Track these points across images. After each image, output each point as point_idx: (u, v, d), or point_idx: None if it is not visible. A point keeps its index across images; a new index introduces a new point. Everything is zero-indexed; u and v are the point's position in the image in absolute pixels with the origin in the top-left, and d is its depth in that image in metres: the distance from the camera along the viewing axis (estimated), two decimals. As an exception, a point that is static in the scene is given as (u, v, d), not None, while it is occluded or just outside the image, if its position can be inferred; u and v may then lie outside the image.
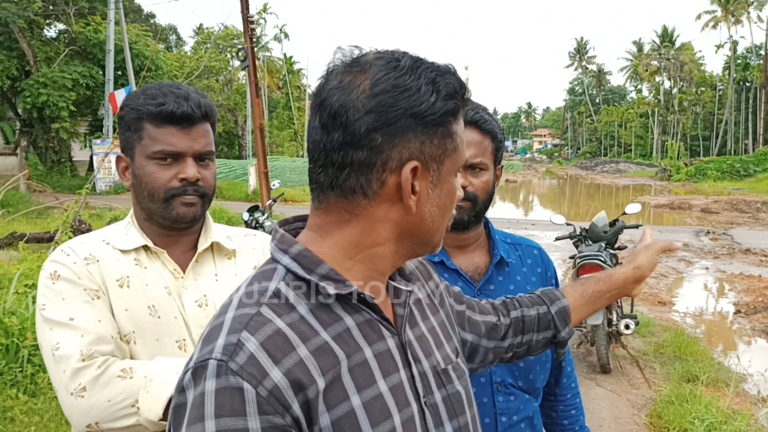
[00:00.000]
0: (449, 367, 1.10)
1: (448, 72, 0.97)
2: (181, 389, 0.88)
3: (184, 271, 1.63)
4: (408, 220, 0.98)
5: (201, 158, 1.59)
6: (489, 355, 1.36)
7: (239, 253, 1.76)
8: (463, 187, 1.67)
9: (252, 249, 1.78)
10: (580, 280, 1.49)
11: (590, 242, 6.66)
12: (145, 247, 1.62)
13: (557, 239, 7.29)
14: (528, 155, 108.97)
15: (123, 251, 1.59)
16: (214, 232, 1.73)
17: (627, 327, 6.10)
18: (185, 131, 1.55)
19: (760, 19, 60.85)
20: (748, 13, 61.00)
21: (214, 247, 1.72)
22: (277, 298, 0.95)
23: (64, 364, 1.42)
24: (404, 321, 1.05)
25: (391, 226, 0.99)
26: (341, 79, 0.95)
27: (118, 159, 1.64)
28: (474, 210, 1.72)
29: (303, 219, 1.08)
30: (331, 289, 0.95)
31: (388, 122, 0.92)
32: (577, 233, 6.89)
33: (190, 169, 1.56)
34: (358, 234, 0.99)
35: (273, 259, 1.01)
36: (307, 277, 0.96)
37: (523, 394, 1.76)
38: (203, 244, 1.67)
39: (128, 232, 1.63)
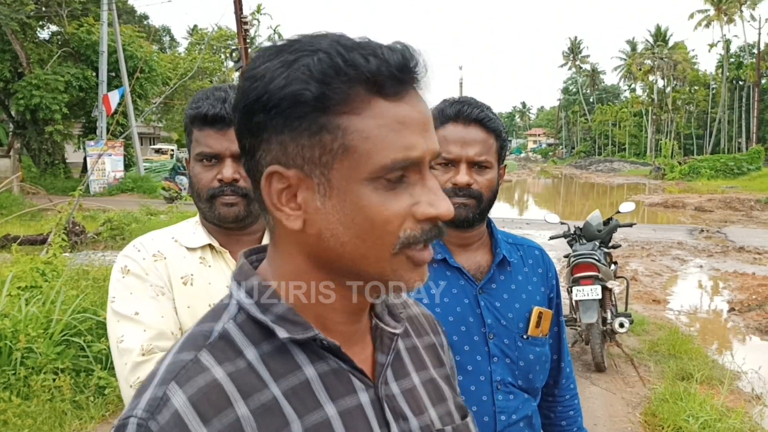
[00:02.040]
0: (448, 428, 0.94)
1: (319, 50, 0.76)
2: None
3: None
4: (308, 242, 0.80)
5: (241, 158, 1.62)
6: None
7: None
8: (468, 185, 1.69)
9: None
10: None
11: (584, 241, 6.68)
12: (210, 246, 1.67)
13: (551, 238, 7.30)
14: (523, 155, 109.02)
15: (189, 249, 1.65)
16: None
17: (621, 325, 6.11)
18: (222, 133, 1.59)
19: (753, 18, 60.96)
20: (741, 12, 61.16)
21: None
22: (223, 340, 0.80)
23: (126, 356, 1.48)
24: (384, 370, 0.88)
25: (300, 250, 0.82)
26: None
27: (186, 161, 1.73)
28: (479, 208, 1.72)
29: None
30: (283, 333, 0.79)
31: (245, 120, 0.79)
32: (572, 232, 6.91)
33: (227, 170, 1.59)
34: (282, 261, 0.84)
35: (229, 294, 0.87)
36: (260, 317, 0.81)
37: (522, 393, 1.76)
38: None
39: (196, 230, 1.70)
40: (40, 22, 27.51)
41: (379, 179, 0.77)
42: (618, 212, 7.15)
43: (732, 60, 63.79)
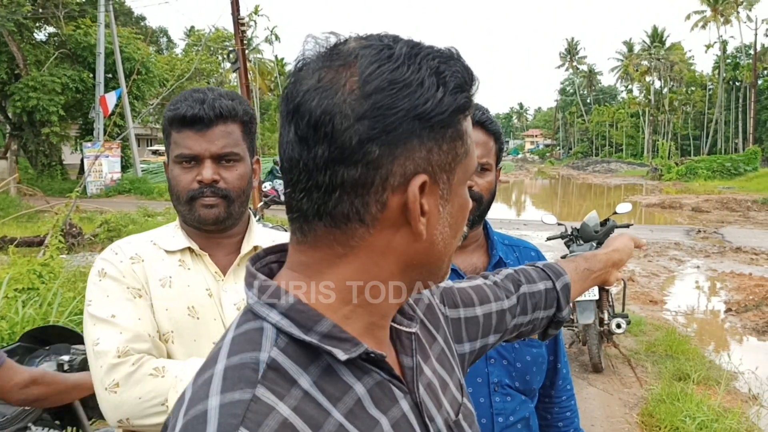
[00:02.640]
0: (460, 416, 0.93)
1: (452, 58, 0.77)
2: None
3: (225, 274, 1.66)
4: (417, 248, 0.78)
5: (222, 159, 1.60)
6: (493, 344, 1.19)
7: None
8: (470, 188, 1.66)
9: None
10: (568, 258, 1.43)
11: (581, 242, 6.68)
12: (190, 249, 1.65)
13: (549, 239, 7.30)
14: (520, 155, 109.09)
15: (168, 252, 1.64)
16: (258, 235, 1.75)
17: (618, 326, 6.12)
18: (201, 134, 1.58)
19: (749, 18, 61.38)
20: (737, 13, 61.31)
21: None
22: (273, 371, 0.72)
23: (101, 359, 1.47)
24: (415, 374, 0.86)
25: (396, 258, 0.78)
26: (320, 77, 0.74)
27: (165, 165, 1.71)
28: (478, 210, 1.74)
29: (276, 251, 0.88)
30: (341, 355, 0.74)
31: (386, 129, 0.72)
32: (569, 233, 6.91)
33: (207, 171, 1.58)
34: (356, 272, 0.78)
35: (254, 314, 0.79)
36: (306, 338, 0.75)
37: (519, 395, 1.77)
38: (246, 248, 1.70)
39: (175, 234, 1.68)
40: (37, 24, 27.48)
41: (469, 179, 0.82)
42: (615, 213, 7.15)
43: (728, 61, 63.95)
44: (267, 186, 22.16)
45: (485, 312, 1.13)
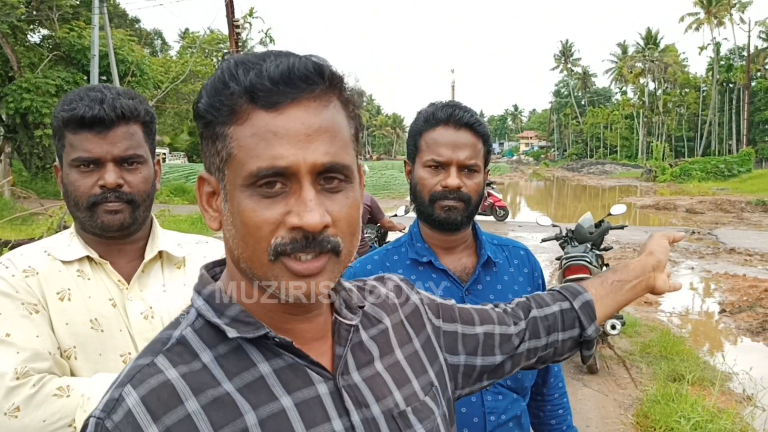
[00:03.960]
0: (409, 408, 0.96)
1: (221, 67, 0.84)
2: None
3: (130, 282, 1.57)
4: (226, 243, 0.88)
5: (125, 162, 1.52)
6: (505, 367, 1.20)
7: (189, 262, 1.69)
8: (458, 188, 1.71)
9: (203, 257, 1.70)
10: (595, 275, 1.41)
11: (576, 243, 6.70)
12: (89, 258, 1.56)
13: (543, 240, 7.32)
14: (515, 157, 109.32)
15: (65, 262, 1.54)
16: (162, 240, 1.67)
17: (613, 327, 6.13)
18: (101, 136, 1.48)
19: (742, 20, 61.35)
20: (731, 15, 61.58)
21: (163, 256, 1.66)
22: (180, 346, 0.85)
23: None
24: (341, 362, 0.92)
25: (227, 250, 0.89)
26: None
27: (55, 169, 1.60)
28: (467, 211, 1.75)
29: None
30: (233, 333, 0.84)
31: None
32: (563, 234, 6.93)
33: (110, 175, 1.49)
34: (228, 266, 0.92)
35: (191, 302, 0.91)
36: (215, 320, 0.86)
37: (511, 393, 1.78)
38: (150, 254, 1.62)
39: (71, 242, 1.58)
40: (31, 26, 27.39)
41: (253, 186, 0.80)
42: (610, 214, 7.18)
43: (722, 63, 64.21)
44: None
45: (486, 331, 1.16)
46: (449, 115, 1.73)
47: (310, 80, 0.81)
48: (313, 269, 0.82)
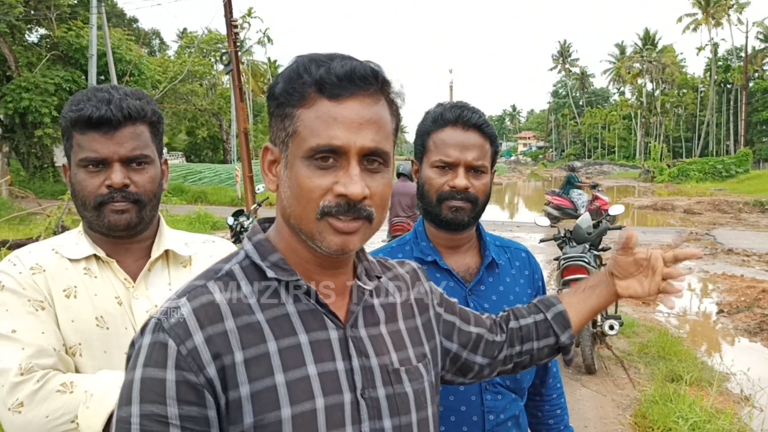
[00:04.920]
0: (403, 368, 1.14)
1: (298, 61, 1.03)
2: (133, 340, 1.01)
3: (136, 281, 1.58)
4: (280, 202, 1.07)
5: (132, 162, 1.53)
6: (485, 371, 1.38)
7: (195, 261, 1.71)
8: (465, 189, 1.71)
9: (209, 256, 1.71)
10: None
11: (574, 244, 6.70)
12: (96, 256, 1.57)
13: (542, 241, 7.33)
14: (513, 158, 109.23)
15: (72, 260, 1.56)
16: (169, 239, 1.68)
17: (611, 328, 6.13)
18: (108, 136, 1.50)
19: (740, 21, 61.72)
20: (728, 15, 61.65)
21: (169, 255, 1.67)
22: (228, 277, 1.05)
23: (2, 377, 1.38)
24: (353, 318, 1.11)
25: (281, 208, 1.07)
26: None
27: (63, 168, 1.61)
28: (474, 211, 1.76)
29: None
30: (271, 274, 1.05)
31: (270, 106, 1.07)
32: (562, 235, 6.93)
33: (116, 175, 1.51)
34: (278, 223, 1.11)
35: (243, 246, 1.12)
36: (258, 262, 1.06)
37: (509, 393, 1.79)
38: (156, 252, 1.63)
39: (79, 241, 1.60)
40: (29, 25, 27.35)
41: (311, 159, 0.99)
42: (608, 215, 7.18)
43: (720, 63, 64.28)
44: (550, 198, 18.34)
45: (479, 333, 1.35)
46: (458, 116, 1.74)
47: (367, 81, 1.01)
48: (350, 228, 1.01)
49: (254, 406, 0.97)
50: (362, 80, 1.00)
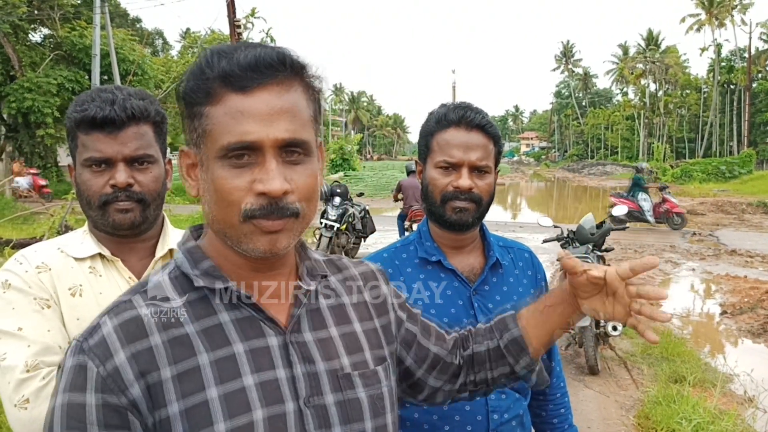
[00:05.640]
0: (356, 373, 1.08)
1: (201, 56, 0.98)
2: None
3: (140, 279, 1.58)
4: (203, 208, 1.02)
5: (136, 162, 1.55)
6: (438, 395, 1.30)
7: None
8: (469, 189, 1.72)
9: None
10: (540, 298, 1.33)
11: (578, 244, 6.70)
12: (101, 255, 1.59)
13: (545, 241, 7.32)
14: (515, 158, 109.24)
15: (77, 259, 1.57)
16: (173, 238, 1.69)
17: (614, 328, 6.13)
18: (112, 136, 1.51)
19: (743, 22, 61.33)
20: (732, 16, 61.49)
21: (174, 254, 1.68)
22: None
23: (9, 374, 1.40)
24: (294, 322, 1.05)
25: (204, 214, 1.03)
26: None
27: (69, 168, 1.63)
28: (478, 212, 1.76)
29: None
30: (199, 282, 1.00)
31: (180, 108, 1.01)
32: (565, 235, 6.92)
33: (120, 175, 1.52)
34: (208, 228, 1.07)
35: (174, 255, 1.08)
36: (188, 272, 1.02)
37: (513, 393, 1.80)
38: (160, 252, 1.65)
39: (84, 240, 1.62)
40: (32, 25, 27.39)
41: (225, 158, 0.94)
42: (611, 216, 7.18)
43: (723, 64, 64.10)
44: (614, 201, 17.11)
45: (437, 352, 1.28)
46: (461, 116, 1.74)
47: (274, 68, 0.94)
48: (276, 227, 0.96)
49: (186, 424, 0.92)
50: (269, 68, 0.93)
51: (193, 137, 0.98)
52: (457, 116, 1.74)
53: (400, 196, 12.42)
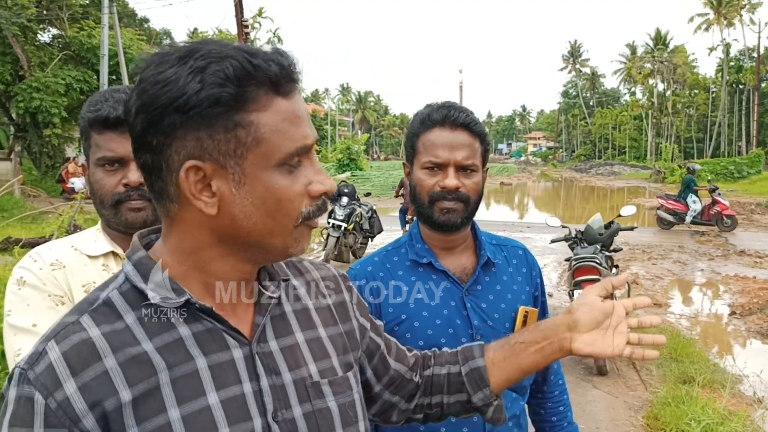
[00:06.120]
0: (324, 380, 1.03)
1: (230, 57, 0.87)
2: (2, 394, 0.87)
3: None
4: (220, 223, 0.91)
5: None
6: (392, 413, 1.27)
7: None
8: (456, 189, 1.71)
9: None
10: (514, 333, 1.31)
11: (586, 244, 6.69)
12: (114, 253, 1.62)
13: (553, 242, 7.31)
14: (522, 158, 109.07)
15: (91, 257, 1.60)
16: None
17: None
18: (125, 136, 1.49)
19: (752, 21, 61.00)
20: (741, 16, 61.23)
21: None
22: (106, 306, 0.91)
23: None
24: (259, 330, 0.99)
25: (206, 230, 0.93)
26: (136, 81, 0.91)
27: (83, 168, 1.65)
28: (466, 211, 1.75)
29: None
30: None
31: (153, 121, 0.87)
32: (573, 236, 6.91)
33: (133, 174, 1.54)
34: (179, 239, 0.95)
35: (122, 268, 0.98)
36: (140, 285, 0.93)
37: (510, 392, 1.79)
38: None
39: (97, 238, 1.64)
40: (41, 25, 27.51)
41: (284, 165, 0.91)
42: (619, 216, 7.16)
43: (732, 64, 63.84)
44: (662, 202, 17.56)
45: (396, 369, 1.25)
46: (445, 116, 1.74)
47: (296, 71, 0.94)
48: (318, 224, 0.98)
49: None
50: (296, 72, 0.94)
51: (224, 148, 0.88)
52: (441, 116, 1.74)
53: (402, 191, 12.55)
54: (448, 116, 1.73)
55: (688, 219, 17.03)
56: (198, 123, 0.86)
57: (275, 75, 0.90)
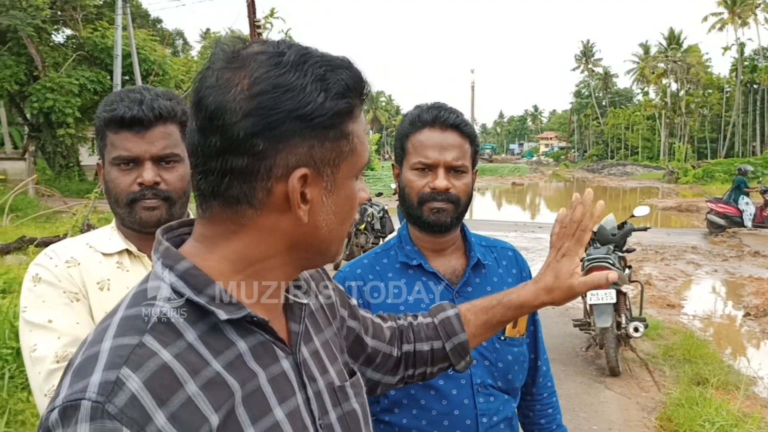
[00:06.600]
0: (346, 383, 1.04)
1: (340, 66, 0.88)
2: (46, 429, 0.75)
3: None
4: (301, 231, 0.89)
5: (162, 161, 1.58)
6: (377, 389, 1.31)
7: None
8: (446, 190, 1.71)
9: None
10: (488, 296, 1.40)
11: (599, 245, 6.66)
12: (128, 251, 1.63)
13: (565, 242, 7.26)
14: (534, 158, 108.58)
15: (105, 254, 1.62)
16: None
17: (636, 330, 6.08)
18: (140, 135, 1.55)
19: (767, 21, 60.58)
20: (755, 15, 60.77)
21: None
22: (162, 324, 0.83)
23: (39, 365, 1.44)
24: (299, 339, 0.98)
25: (282, 237, 0.90)
26: (218, 76, 0.85)
27: (98, 167, 1.67)
28: (456, 212, 1.75)
29: (189, 224, 0.98)
30: (223, 315, 0.85)
31: (269, 126, 0.83)
32: (586, 236, 6.87)
33: (147, 173, 1.56)
34: (246, 246, 0.89)
35: (155, 275, 0.90)
36: (196, 299, 0.85)
37: (502, 394, 1.78)
38: None
39: (112, 236, 1.66)
40: (55, 26, 27.73)
41: (359, 174, 0.95)
42: (632, 216, 7.13)
43: (746, 63, 63.33)
44: (712, 206, 16.84)
45: (375, 346, 1.26)
46: (434, 116, 1.74)
47: None
48: None
49: None
50: None
51: (329, 158, 0.88)
52: (431, 116, 1.74)
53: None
54: (438, 117, 1.73)
55: (748, 222, 16.10)
56: (316, 132, 0.86)
57: (363, 87, 0.91)
